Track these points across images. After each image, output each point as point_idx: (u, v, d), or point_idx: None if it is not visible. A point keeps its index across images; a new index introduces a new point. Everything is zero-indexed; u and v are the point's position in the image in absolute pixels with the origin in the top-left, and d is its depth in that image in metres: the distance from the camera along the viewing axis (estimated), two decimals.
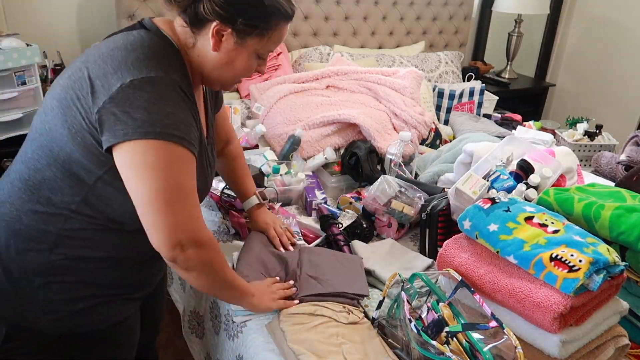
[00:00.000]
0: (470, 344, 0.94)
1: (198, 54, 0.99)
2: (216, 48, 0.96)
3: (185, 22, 0.96)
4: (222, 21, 0.93)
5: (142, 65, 0.88)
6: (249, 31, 0.95)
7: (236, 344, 1.17)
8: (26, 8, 2.21)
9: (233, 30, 0.94)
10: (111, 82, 0.86)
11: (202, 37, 0.96)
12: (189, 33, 0.97)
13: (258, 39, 0.98)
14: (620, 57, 3.45)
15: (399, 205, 1.48)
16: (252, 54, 1.00)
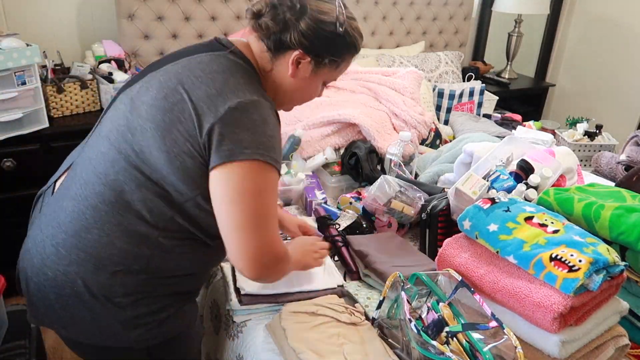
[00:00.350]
0: (471, 344, 0.94)
1: (274, 79, 1.04)
2: (294, 75, 1.02)
3: (267, 47, 1.01)
4: (304, 50, 0.99)
5: (244, 88, 0.92)
6: (326, 62, 1.02)
7: (236, 344, 1.17)
8: (26, 8, 2.21)
9: (312, 60, 1.01)
10: (217, 104, 0.89)
11: (280, 64, 1.02)
12: (267, 58, 1.02)
13: (331, 69, 1.05)
14: (620, 57, 3.45)
15: (399, 205, 1.48)
16: (321, 81, 1.08)
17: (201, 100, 0.90)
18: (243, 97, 0.91)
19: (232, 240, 0.92)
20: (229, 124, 0.89)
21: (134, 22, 2.27)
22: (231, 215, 0.91)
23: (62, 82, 2.02)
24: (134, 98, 0.97)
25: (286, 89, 1.05)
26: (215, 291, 1.34)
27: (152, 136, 0.92)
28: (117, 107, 1.00)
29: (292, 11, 0.97)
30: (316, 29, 0.98)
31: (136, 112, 0.95)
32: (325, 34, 0.99)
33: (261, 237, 0.92)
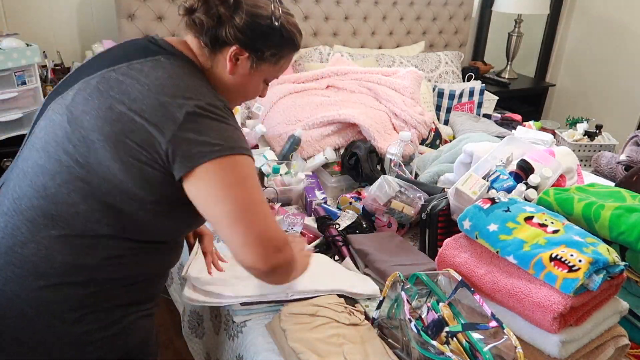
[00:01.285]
0: (470, 344, 0.94)
1: (214, 77, 1.01)
2: (232, 71, 0.99)
3: (204, 44, 0.98)
4: (241, 46, 0.97)
5: (196, 91, 0.91)
6: (265, 58, 1.00)
7: (236, 344, 1.17)
8: (26, 8, 2.21)
9: (250, 55, 0.98)
10: (173, 111, 0.87)
11: (217, 59, 0.99)
12: (205, 55, 1.00)
13: (271, 65, 1.03)
14: (620, 57, 3.45)
15: (399, 205, 1.48)
16: (262, 78, 1.05)
17: (154, 109, 0.87)
18: (198, 101, 0.89)
19: (233, 238, 0.89)
20: (192, 129, 0.87)
21: (134, 22, 2.27)
22: (224, 212, 0.88)
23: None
24: (71, 107, 0.92)
25: (226, 87, 1.02)
26: None
27: (102, 147, 0.88)
28: (50, 118, 0.95)
29: (226, 5, 0.95)
30: (252, 24, 0.96)
31: (76, 122, 0.90)
32: (261, 28, 0.97)
33: (261, 222, 0.90)
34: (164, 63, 0.94)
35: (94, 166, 0.88)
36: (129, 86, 0.90)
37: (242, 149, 0.91)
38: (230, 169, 0.89)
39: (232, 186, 0.89)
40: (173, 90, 0.89)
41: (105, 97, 0.90)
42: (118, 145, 0.88)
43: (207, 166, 0.87)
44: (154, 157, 0.87)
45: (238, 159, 0.90)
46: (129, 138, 0.87)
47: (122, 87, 0.91)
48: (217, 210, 0.89)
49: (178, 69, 0.94)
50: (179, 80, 0.91)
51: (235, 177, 0.89)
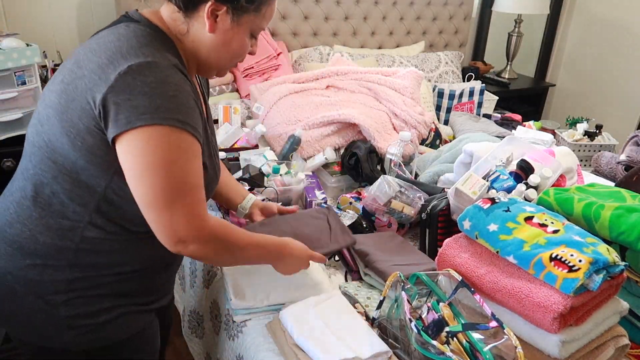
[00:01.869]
0: (471, 344, 0.94)
1: (192, 40, 0.95)
2: (212, 29, 0.93)
3: (177, 7, 0.93)
4: (216, 0, 0.90)
5: (138, 51, 0.84)
6: (245, 8, 0.93)
7: (236, 344, 1.17)
8: (26, 8, 2.22)
9: (228, 8, 0.92)
10: (108, 72, 0.82)
11: (195, 21, 0.93)
12: (180, 19, 0.94)
13: (253, 15, 0.96)
14: (620, 57, 3.45)
15: (399, 205, 1.48)
16: (247, 32, 0.98)
17: (93, 72, 0.84)
18: (135, 60, 0.82)
19: (147, 218, 0.87)
20: (122, 91, 0.81)
21: None
22: (141, 189, 0.85)
23: None
24: (45, 90, 0.94)
25: (210, 47, 0.96)
26: (215, 291, 1.34)
27: (54, 122, 0.87)
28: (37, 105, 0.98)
29: None
30: None
31: (43, 102, 0.92)
32: None
33: (174, 211, 0.86)
34: (120, 29, 0.90)
35: (54, 143, 0.88)
36: (80, 55, 0.89)
37: (177, 122, 0.84)
38: (155, 143, 0.83)
39: (154, 165, 0.83)
40: (113, 52, 0.84)
41: (62, 71, 0.90)
42: (63, 117, 0.86)
43: (132, 134, 0.82)
44: (91, 124, 0.84)
45: (170, 133, 0.83)
46: (70, 107, 0.85)
47: (76, 57, 0.89)
48: (134, 186, 0.86)
49: (131, 33, 0.88)
50: (125, 42, 0.86)
51: (159, 154, 0.83)
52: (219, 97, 2.34)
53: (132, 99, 0.81)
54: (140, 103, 0.81)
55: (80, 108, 0.85)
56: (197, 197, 0.89)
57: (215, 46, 0.96)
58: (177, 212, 0.86)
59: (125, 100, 0.81)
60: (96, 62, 0.85)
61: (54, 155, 0.89)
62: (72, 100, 0.85)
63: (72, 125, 0.86)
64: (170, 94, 0.84)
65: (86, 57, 0.87)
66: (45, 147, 0.89)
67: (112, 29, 0.91)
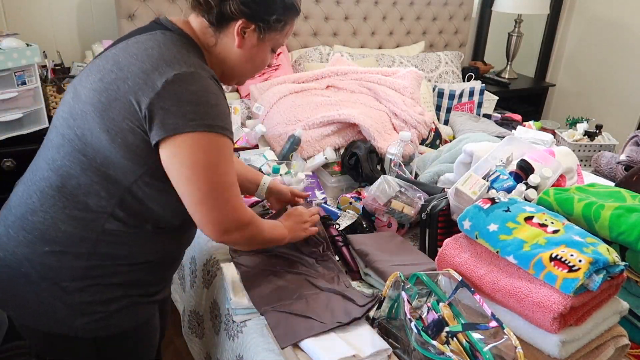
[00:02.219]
0: (471, 344, 0.94)
1: (220, 52, 1.03)
2: (240, 45, 1.02)
3: (209, 22, 1.00)
4: (247, 19, 0.99)
5: (180, 61, 0.92)
6: (271, 27, 1.03)
7: (236, 344, 1.17)
8: (26, 8, 2.21)
9: (257, 26, 1.01)
10: (153, 78, 0.89)
11: (224, 36, 1.02)
12: (210, 33, 1.02)
13: (277, 33, 1.05)
14: (620, 57, 3.45)
15: (399, 205, 1.48)
16: (269, 48, 1.07)
17: (137, 76, 0.90)
18: (179, 69, 0.90)
19: (195, 214, 0.96)
20: (169, 98, 0.88)
21: (134, 22, 2.27)
22: (189, 191, 0.93)
23: (62, 82, 2.02)
24: (76, 85, 0.99)
25: (235, 61, 1.05)
26: (215, 291, 1.34)
27: (92, 118, 0.92)
28: (64, 99, 1.02)
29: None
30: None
31: (77, 97, 0.96)
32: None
33: (221, 207, 0.96)
34: (158, 36, 0.97)
35: (88, 138, 0.93)
36: (120, 57, 0.95)
37: (219, 128, 0.92)
38: (202, 148, 0.91)
39: (202, 168, 0.92)
40: (157, 59, 0.91)
41: (100, 70, 0.95)
42: (104, 114, 0.92)
43: (180, 139, 0.89)
44: (135, 124, 0.90)
45: (213, 138, 0.92)
46: (113, 106, 0.91)
47: (115, 59, 0.95)
48: (182, 187, 0.94)
49: (169, 41, 0.96)
50: (166, 50, 0.93)
51: (206, 158, 0.92)
52: None
53: (180, 106, 0.89)
54: (188, 110, 0.89)
55: (124, 108, 0.90)
56: (236, 191, 1.00)
57: (240, 60, 1.05)
58: (222, 208, 0.96)
59: (173, 107, 0.88)
60: (139, 67, 0.91)
61: (85, 149, 0.94)
62: (115, 99, 0.91)
63: (114, 124, 0.91)
64: (213, 103, 0.92)
65: (127, 61, 0.93)
66: (77, 140, 0.94)
67: (150, 36, 0.97)
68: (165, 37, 0.97)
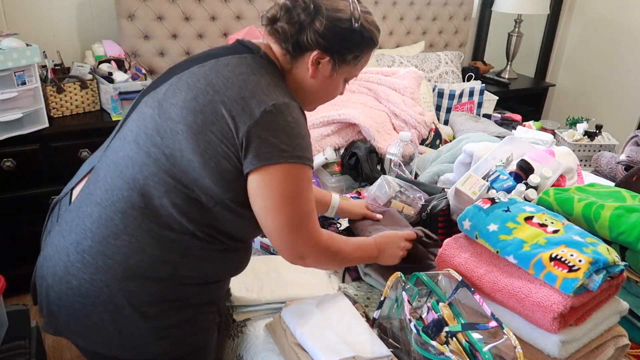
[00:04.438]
0: (470, 344, 0.94)
1: (293, 79, 1.03)
2: (314, 75, 1.01)
3: (286, 51, 1.00)
4: (322, 50, 0.98)
5: (275, 90, 0.93)
6: (346, 60, 1.02)
7: (236, 344, 1.17)
8: (26, 8, 2.21)
9: (331, 59, 1.00)
10: (252, 106, 0.90)
11: (299, 64, 1.01)
12: (286, 60, 1.02)
13: (352, 66, 1.05)
14: (620, 57, 3.45)
15: (399, 205, 1.48)
16: (342, 79, 1.07)
17: (235, 102, 0.90)
18: (276, 99, 0.91)
19: (276, 240, 0.97)
20: (266, 127, 0.89)
21: (134, 22, 2.27)
22: (274, 219, 0.94)
23: (62, 82, 2.02)
24: (161, 101, 0.95)
25: (307, 90, 1.05)
26: None
27: (185, 138, 0.90)
28: (142, 111, 0.97)
29: (307, 12, 0.97)
30: (332, 27, 0.97)
31: (165, 114, 0.93)
32: (341, 31, 0.98)
33: (299, 234, 0.96)
34: (248, 60, 0.97)
35: (178, 158, 0.91)
36: (214, 78, 0.94)
37: (307, 160, 0.94)
38: (290, 179, 0.92)
39: (289, 198, 0.93)
40: (254, 86, 0.92)
41: (192, 89, 0.93)
42: (199, 136, 0.90)
43: (272, 169, 0.90)
44: (230, 150, 0.90)
45: (301, 169, 0.93)
46: (209, 129, 0.90)
47: (208, 79, 0.94)
48: (268, 214, 0.94)
49: (261, 68, 0.97)
50: (261, 78, 0.94)
51: (293, 188, 0.93)
52: None
53: (275, 136, 0.90)
54: (282, 141, 0.90)
55: (221, 133, 0.90)
56: (314, 219, 1.00)
57: (314, 89, 1.05)
58: (302, 235, 0.97)
59: (269, 137, 0.89)
60: (237, 92, 0.91)
61: (172, 170, 0.91)
62: (212, 123, 0.90)
63: (209, 147, 0.90)
64: (303, 134, 0.94)
65: (223, 84, 0.93)
66: (165, 160, 0.91)
67: (241, 59, 0.97)
68: (255, 62, 0.97)
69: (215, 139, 0.90)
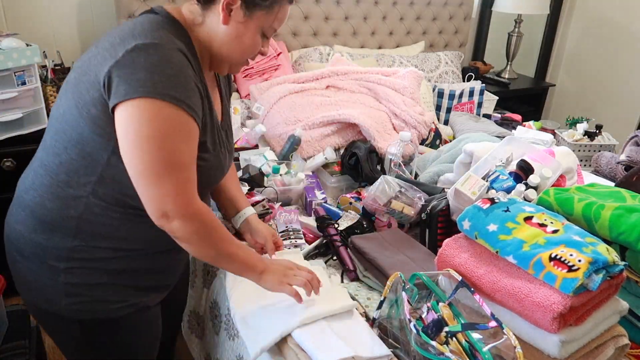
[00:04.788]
0: (470, 344, 0.94)
1: (207, 31, 1.02)
2: (226, 21, 0.99)
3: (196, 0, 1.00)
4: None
5: (148, 33, 0.91)
6: (258, 4, 0.99)
7: (236, 344, 1.17)
8: (26, 8, 2.22)
9: (242, 3, 0.98)
10: (117, 49, 0.89)
11: (211, 13, 1.00)
12: (197, 12, 1.01)
13: (265, 13, 1.01)
14: (620, 57, 3.45)
15: (399, 205, 1.48)
16: (258, 29, 1.03)
17: (105, 50, 0.91)
18: (143, 40, 0.89)
19: (137, 189, 0.91)
20: (126, 65, 0.87)
21: None
22: (133, 161, 0.89)
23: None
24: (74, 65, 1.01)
25: (222, 39, 1.01)
26: (215, 291, 1.34)
27: (69, 95, 0.95)
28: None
29: None
30: None
31: (68, 78, 0.99)
32: None
33: (161, 184, 0.89)
34: (141, 18, 0.98)
35: (67, 115, 0.95)
36: (101, 39, 0.96)
37: (173, 99, 0.88)
38: (148, 116, 0.87)
39: (148, 138, 0.87)
40: (126, 33, 0.91)
41: (87, 52, 0.97)
42: (74, 89, 0.94)
43: (128, 105, 0.86)
44: (96, 95, 0.90)
45: (165, 108, 0.87)
46: (81, 81, 0.93)
47: (99, 41, 0.96)
48: (126, 157, 0.90)
49: (148, 21, 0.95)
50: (138, 26, 0.93)
51: (152, 128, 0.87)
52: None
53: (134, 73, 0.86)
54: (140, 77, 0.86)
55: (89, 81, 0.91)
56: (187, 175, 0.93)
57: (227, 38, 1.01)
58: (165, 186, 0.90)
59: (128, 74, 0.87)
60: (109, 42, 0.91)
61: (64, 126, 0.95)
62: (84, 74, 0.92)
63: (80, 97, 0.92)
64: (170, 73, 0.89)
65: (104, 39, 0.95)
66: (60, 118, 0.96)
67: (135, 19, 0.99)
68: (147, 18, 0.97)
69: (85, 88, 0.91)
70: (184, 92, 0.90)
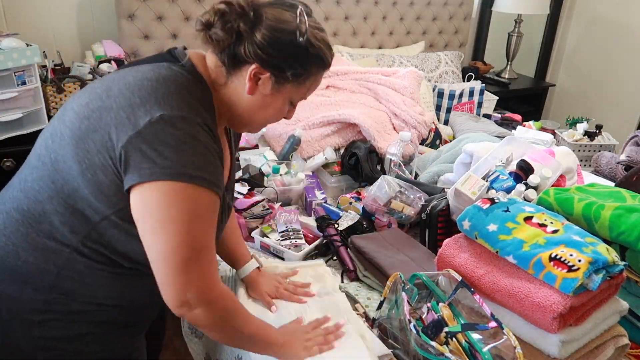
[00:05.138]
0: (470, 344, 0.94)
1: (230, 95, 0.93)
2: (252, 92, 0.91)
3: (222, 62, 0.90)
4: (261, 65, 0.88)
5: (172, 100, 0.81)
6: (288, 78, 0.91)
7: None
8: (26, 8, 2.22)
9: (272, 75, 0.89)
10: (138, 115, 0.79)
11: (236, 79, 0.91)
12: (222, 73, 0.92)
13: (296, 85, 0.93)
14: (620, 57, 3.45)
15: (399, 205, 1.48)
16: (286, 101, 0.95)
17: (122, 109, 0.80)
18: (168, 110, 0.79)
19: (156, 273, 0.83)
20: (149, 141, 0.78)
21: (134, 22, 2.27)
22: (156, 244, 0.81)
23: (62, 82, 2.02)
24: (66, 105, 0.89)
25: (246, 107, 0.93)
26: None
27: (68, 144, 0.83)
28: (54, 116, 0.92)
29: (245, 19, 0.86)
30: (273, 40, 0.86)
31: (62, 118, 0.87)
32: (283, 44, 0.87)
33: (187, 271, 0.82)
34: (162, 69, 0.86)
35: (60, 164, 0.84)
36: (114, 83, 0.85)
37: (201, 180, 0.80)
38: (175, 199, 0.79)
39: (171, 221, 0.79)
40: (148, 94, 0.81)
41: (90, 93, 0.86)
42: (79, 143, 0.82)
43: (153, 187, 0.78)
44: (108, 162, 0.81)
45: (192, 190, 0.80)
46: (90, 137, 0.82)
47: (108, 85, 0.85)
48: (147, 239, 0.82)
49: (171, 77, 0.85)
50: (162, 86, 0.82)
51: (178, 211, 0.79)
52: None
53: (158, 151, 0.78)
54: (166, 156, 0.78)
55: (101, 142, 0.81)
56: (210, 257, 0.86)
57: (251, 107, 0.93)
58: (190, 273, 0.82)
59: (152, 151, 0.78)
60: (128, 99, 0.81)
61: (55, 176, 0.85)
62: (94, 130, 0.82)
63: (87, 156, 0.82)
64: (198, 151, 0.81)
65: (119, 89, 0.83)
66: (50, 165, 0.85)
67: (155, 67, 0.87)
68: (170, 72, 0.86)
69: (94, 148, 0.81)
70: (211, 170, 0.83)
